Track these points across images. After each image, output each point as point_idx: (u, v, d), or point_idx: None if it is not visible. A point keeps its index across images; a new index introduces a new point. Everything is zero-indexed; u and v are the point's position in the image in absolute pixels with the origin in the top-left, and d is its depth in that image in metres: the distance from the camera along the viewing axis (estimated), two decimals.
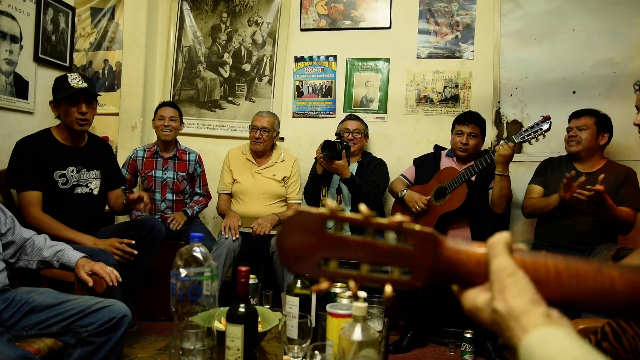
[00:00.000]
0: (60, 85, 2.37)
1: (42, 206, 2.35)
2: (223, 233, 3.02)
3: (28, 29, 2.75)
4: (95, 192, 2.56)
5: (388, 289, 0.61)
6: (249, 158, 3.36)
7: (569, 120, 2.86)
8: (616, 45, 3.21)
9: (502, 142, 2.76)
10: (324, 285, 0.62)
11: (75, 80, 2.35)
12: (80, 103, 2.37)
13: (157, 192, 3.29)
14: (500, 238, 0.60)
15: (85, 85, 2.36)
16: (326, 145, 2.88)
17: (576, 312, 1.91)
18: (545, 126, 2.68)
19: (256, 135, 3.26)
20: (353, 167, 3.19)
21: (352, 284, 0.62)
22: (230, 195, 3.37)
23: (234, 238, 2.99)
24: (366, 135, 3.40)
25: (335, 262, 0.61)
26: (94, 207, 2.59)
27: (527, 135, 2.72)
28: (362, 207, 0.61)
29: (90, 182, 2.54)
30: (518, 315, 0.55)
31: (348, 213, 0.60)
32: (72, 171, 2.45)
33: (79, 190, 2.49)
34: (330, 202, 0.61)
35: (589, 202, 2.47)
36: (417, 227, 0.61)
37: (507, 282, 0.57)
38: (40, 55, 2.82)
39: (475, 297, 0.61)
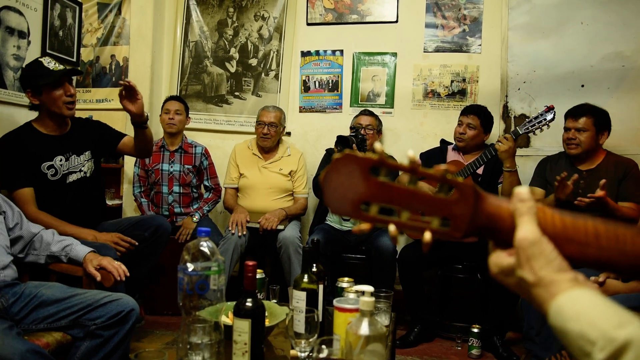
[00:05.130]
0: (38, 72, 2.24)
1: (39, 200, 2.29)
2: (230, 229, 3.02)
3: (35, 25, 2.75)
4: (89, 174, 2.48)
5: (427, 235, 0.62)
6: (255, 153, 3.36)
7: (565, 118, 2.70)
8: (626, 38, 3.17)
9: (499, 139, 2.73)
10: (364, 226, 0.63)
11: (52, 64, 2.25)
12: (66, 85, 2.28)
13: (164, 185, 3.30)
14: (526, 202, 0.61)
15: (63, 66, 2.27)
16: (339, 141, 2.91)
17: None
18: (549, 116, 2.66)
19: (264, 131, 3.25)
20: None
21: (392, 227, 0.63)
22: (237, 189, 3.38)
23: (240, 234, 3.00)
24: (379, 132, 3.39)
25: (376, 207, 0.62)
26: (90, 191, 2.51)
27: (532, 126, 2.70)
28: (410, 153, 0.62)
29: (83, 166, 2.46)
30: (547, 285, 0.58)
31: (395, 160, 0.61)
32: (61, 160, 2.37)
33: (72, 177, 2.41)
34: (379, 147, 0.61)
35: (591, 207, 2.36)
36: (460, 179, 0.61)
37: (531, 251, 0.59)
38: (47, 51, 2.83)
39: (501, 263, 0.62)
